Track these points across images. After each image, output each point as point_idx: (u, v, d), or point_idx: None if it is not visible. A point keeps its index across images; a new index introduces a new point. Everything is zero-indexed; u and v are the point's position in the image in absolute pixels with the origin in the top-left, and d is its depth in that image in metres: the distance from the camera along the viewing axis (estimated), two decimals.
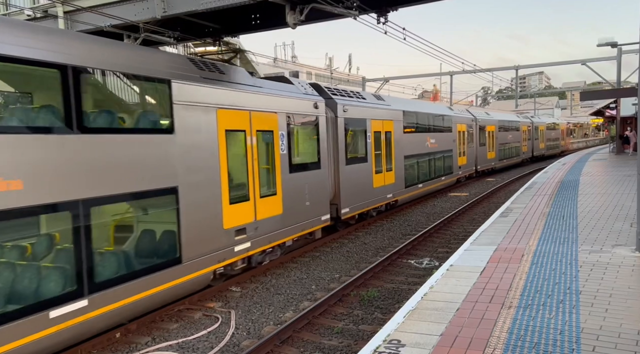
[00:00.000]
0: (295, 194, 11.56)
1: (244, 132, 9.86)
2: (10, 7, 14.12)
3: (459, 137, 25.86)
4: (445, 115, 24.09)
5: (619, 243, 8.52)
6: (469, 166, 27.66)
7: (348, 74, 69.75)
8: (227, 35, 14.59)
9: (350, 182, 14.43)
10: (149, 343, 7.57)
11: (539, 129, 45.35)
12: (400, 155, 18.18)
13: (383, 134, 16.72)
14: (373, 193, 15.97)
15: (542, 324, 5.21)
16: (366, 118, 15.57)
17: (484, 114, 32.09)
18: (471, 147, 28.08)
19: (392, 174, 17.40)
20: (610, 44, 26.12)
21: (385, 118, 17.00)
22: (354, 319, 8.27)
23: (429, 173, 21.30)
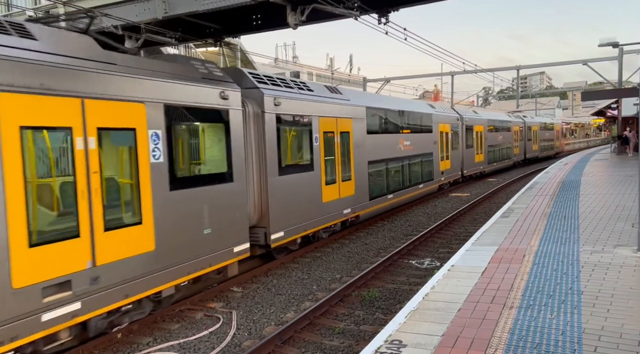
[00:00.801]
0: (183, 220, 8.23)
1: (67, 130, 6.48)
2: (12, 8, 14.16)
3: (442, 139, 23.13)
4: (423, 113, 21.11)
5: (621, 243, 8.51)
6: (453, 170, 24.93)
7: (349, 74, 69.77)
8: (228, 36, 14.61)
9: (285, 197, 11.33)
10: (151, 343, 7.58)
11: (532, 130, 42.99)
12: (362, 161, 15.23)
13: (337, 135, 13.72)
14: (322, 209, 12.86)
15: (543, 325, 5.20)
16: (312, 115, 12.42)
17: (471, 113, 29.36)
18: (456, 149, 25.35)
19: (350, 185, 14.42)
20: (612, 44, 26.10)
21: (342, 115, 13.98)
22: (355, 320, 8.27)
23: (402, 181, 18.39)
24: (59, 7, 12.62)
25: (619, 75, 30.49)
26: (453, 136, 24.88)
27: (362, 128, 15.27)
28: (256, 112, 10.63)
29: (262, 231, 10.87)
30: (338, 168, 13.79)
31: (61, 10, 12.56)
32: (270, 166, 10.85)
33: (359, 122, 15.08)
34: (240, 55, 31.11)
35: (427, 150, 21.10)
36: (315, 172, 12.60)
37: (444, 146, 23.38)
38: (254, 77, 11.11)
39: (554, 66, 45.73)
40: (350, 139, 14.55)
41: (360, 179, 15.09)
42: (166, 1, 11.24)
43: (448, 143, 24.02)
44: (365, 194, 15.39)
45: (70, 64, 6.63)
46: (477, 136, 28.98)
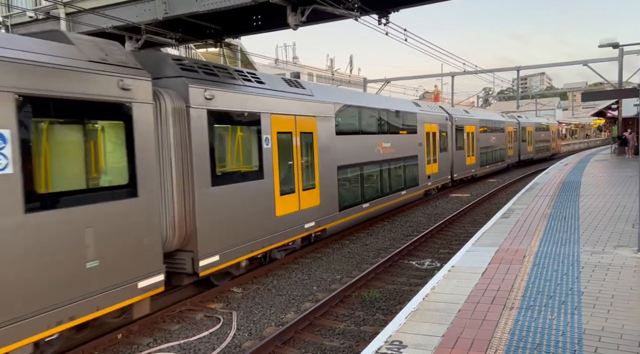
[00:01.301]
0: (47, 252, 6.10)
1: None
2: (13, 9, 14.16)
3: (428, 140, 21.23)
4: (406, 112, 19.09)
5: (621, 244, 8.51)
6: (442, 174, 23.15)
7: (349, 75, 69.79)
8: (228, 37, 14.62)
9: (222, 212, 9.22)
10: (151, 344, 7.58)
11: (527, 130, 41.29)
12: (330, 166, 13.26)
13: (297, 136, 11.72)
14: (275, 225, 10.79)
15: (544, 326, 5.20)
16: (261, 112, 10.36)
17: (462, 113, 27.63)
18: (445, 151, 23.60)
19: (314, 194, 12.39)
20: (612, 44, 26.10)
21: (303, 113, 12.00)
22: (355, 320, 8.27)
23: (381, 188, 16.49)
24: (59, 8, 12.62)
25: (619, 76, 30.50)
26: (441, 136, 23.11)
27: (329, 128, 13.28)
28: (178, 108, 8.40)
29: (189, 256, 8.69)
30: (297, 175, 11.71)
31: (61, 11, 12.57)
32: (199, 175, 8.63)
33: (325, 121, 13.06)
34: (241, 56, 31.13)
35: (411, 152, 19.22)
36: (266, 181, 10.50)
37: (430, 147, 21.57)
38: (178, 64, 8.99)
39: (554, 67, 45.72)
40: (314, 141, 12.54)
41: (327, 187, 13.04)
42: (166, 2, 11.25)
43: (435, 145, 22.24)
44: (334, 204, 13.42)
45: None
46: (469, 137, 27.29)
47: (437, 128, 22.36)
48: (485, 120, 30.96)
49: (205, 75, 9.28)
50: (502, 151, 34.07)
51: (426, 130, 20.92)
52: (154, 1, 11.41)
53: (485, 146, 30.48)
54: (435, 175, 22.18)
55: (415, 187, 19.61)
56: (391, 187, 17.26)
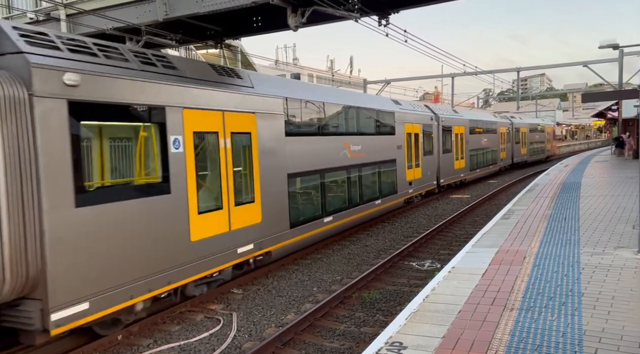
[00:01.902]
0: None
1: None
2: (13, 10, 14.18)
3: (409, 142, 19.11)
4: (382, 110, 16.89)
5: (621, 245, 8.51)
6: (426, 180, 21.01)
7: (349, 76, 69.82)
8: (228, 38, 14.64)
9: (96, 242, 6.91)
10: (151, 345, 7.58)
11: (521, 132, 39.36)
12: (277, 174, 11.04)
13: (226, 137, 9.44)
14: (190, 252, 8.45)
15: (544, 327, 5.20)
16: (166, 105, 8.00)
17: (450, 112, 25.82)
18: (430, 155, 21.57)
19: (252, 209, 10.14)
20: (612, 46, 26.11)
21: (236, 109, 9.74)
22: (355, 322, 8.27)
23: (348, 198, 14.33)
24: (60, 9, 12.64)
25: (619, 77, 30.52)
26: (426, 138, 21.02)
27: (277, 128, 11.03)
28: (11, 97, 6.06)
29: (36, 306, 6.30)
30: (227, 187, 9.43)
31: (62, 12, 12.59)
32: (52, 192, 6.35)
33: (270, 119, 10.81)
34: (241, 58, 31.15)
35: (388, 156, 17.05)
36: (175, 196, 8.16)
37: (412, 150, 19.41)
38: (22, 35, 6.55)
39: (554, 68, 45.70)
40: (254, 143, 10.26)
41: (273, 200, 10.82)
42: (167, 3, 11.26)
43: (418, 147, 20.12)
44: (283, 220, 11.16)
45: None
46: (457, 138, 25.34)
47: (420, 129, 20.32)
48: (475, 120, 28.92)
49: (71, 54, 6.91)
50: (494, 153, 32.14)
51: (407, 131, 18.89)
52: (154, 2, 11.42)
53: (476, 148, 28.49)
54: (418, 181, 20.07)
55: (394, 195, 17.51)
56: (362, 196, 15.15)
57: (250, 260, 10.28)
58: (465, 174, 26.62)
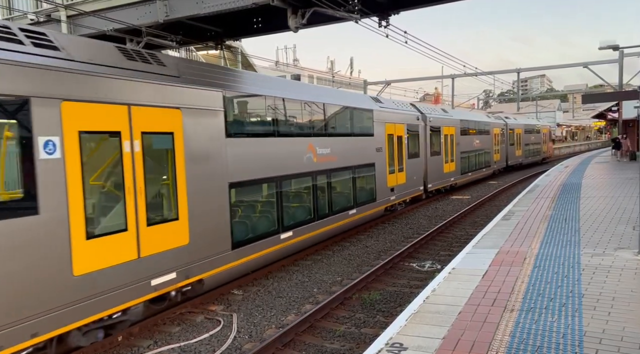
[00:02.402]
0: None
1: None
2: (14, 12, 14.20)
3: (391, 144, 17.38)
4: (357, 108, 15.13)
5: (622, 246, 8.50)
6: (411, 185, 19.27)
7: (350, 77, 69.87)
8: (229, 39, 14.66)
9: None
10: (151, 346, 7.58)
11: (516, 133, 37.78)
12: (213, 183, 9.05)
13: (134, 139, 7.53)
14: (73, 290, 6.54)
15: (544, 328, 5.20)
16: (31, 96, 6.15)
17: (439, 112, 24.31)
18: (416, 158, 19.94)
19: (175, 229, 8.21)
20: (612, 47, 26.11)
21: (151, 102, 7.82)
22: (356, 323, 8.27)
23: (314, 209, 12.42)
24: (61, 10, 12.66)
25: (620, 78, 30.50)
26: (411, 140, 19.34)
27: (213, 127, 9.01)
28: None
29: None
30: (134, 202, 7.44)
31: (62, 13, 12.61)
32: None
33: (203, 116, 8.82)
34: (241, 59, 31.16)
35: (365, 160, 15.28)
36: (47, 217, 6.22)
37: (395, 153, 17.66)
38: None
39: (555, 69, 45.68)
40: (177, 146, 8.27)
41: (207, 215, 8.81)
42: (167, 4, 11.28)
43: (402, 150, 18.39)
44: (222, 239, 9.16)
45: None
46: (447, 140, 23.76)
47: (404, 129, 18.60)
48: (467, 121, 27.21)
49: None
50: (487, 155, 30.58)
51: (388, 132, 17.08)
52: (154, 4, 11.45)
53: (468, 150, 26.79)
54: (402, 187, 18.32)
55: (372, 203, 15.78)
56: (332, 206, 13.31)
57: (173, 292, 8.20)
58: (455, 178, 25.01)
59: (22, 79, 6.03)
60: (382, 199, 16.57)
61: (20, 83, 6.01)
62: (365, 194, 15.32)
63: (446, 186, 23.90)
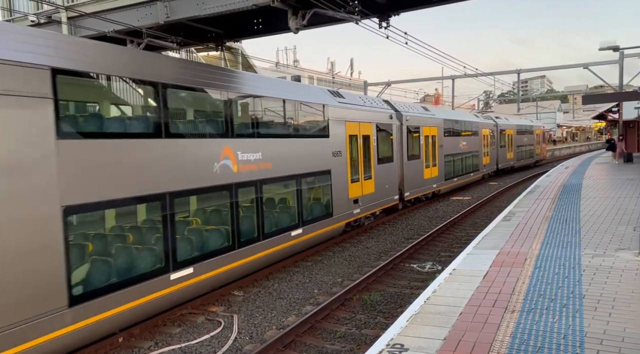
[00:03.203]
0: None
1: None
2: (14, 13, 14.21)
3: (354, 147, 14.64)
4: (304, 103, 12.32)
5: (622, 247, 8.50)
6: (382, 195, 16.66)
7: (350, 78, 69.91)
8: (229, 40, 14.66)
9: None
10: (152, 348, 7.58)
11: (507, 134, 35.32)
12: (19, 210, 5.98)
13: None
14: None
15: (545, 329, 5.20)
16: None
17: (419, 110, 21.63)
18: (389, 163, 17.33)
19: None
20: (612, 47, 26.12)
21: None
22: (356, 324, 8.26)
23: (233, 234, 9.59)
24: (61, 12, 12.67)
25: (620, 78, 30.52)
26: (382, 141, 16.80)
27: (27, 124, 6.15)
28: None
29: None
30: None
31: (63, 15, 12.62)
32: None
33: (9, 108, 5.97)
34: (242, 60, 31.20)
35: (317, 166, 12.51)
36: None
37: (359, 158, 14.96)
38: None
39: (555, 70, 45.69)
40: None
41: (10, 260, 5.91)
42: (168, 6, 11.29)
43: (370, 154, 15.74)
44: (46, 295, 6.24)
45: None
46: (428, 141, 21.22)
47: (372, 130, 15.89)
48: (452, 120, 24.71)
49: None
50: (475, 158, 28.14)
51: (350, 132, 14.40)
52: (155, 5, 11.45)
53: (453, 153, 24.36)
54: (370, 197, 15.65)
55: (327, 219, 13.00)
56: (263, 228, 10.40)
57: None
58: (438, 184, 22.46)
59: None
60: (342, 213, 13.75)
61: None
62: (316, 209, 12.63)
63: (427, 194, 21.46)
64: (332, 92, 14.68)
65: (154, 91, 8.17)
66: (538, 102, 76.67)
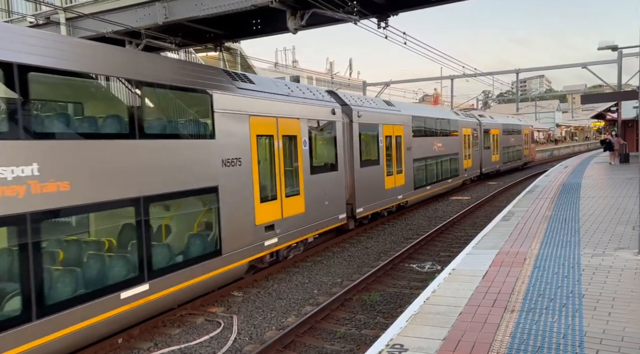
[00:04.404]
0: None
1: None
2: (13, 14, 14.20)
3: (267, 153, 10.64)
4: (161, 84, 8.08)
5: (622, 246, 8.51)
6: (319, 215, 12.56)
7: (349, 78, 69.94)
8: (228, 41, 14.67)
9: None
10: (151, 349, 7.57)
11: (492, 134, 31.63)
12: None
13: None
14: None
15: (545, 328, 5.20)
16: None
17: (379, 104, 17.51)
18: (332, 172, 13.28)
19: None
20: (611, 47, 26.16)
21: None
22: (356, 324, 8.26)
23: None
24: (60, 13, 12.67)
25: (619, 78, 30.55)
26: (320, 144, 12.98)
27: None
28: None
29: None
30: None
31: (62, 16, 12.62)
32: None
33: None
34: (240, 60, 31.20)
35: (188, 183, 8.26)
36: None
37: (276, 167, 10.83)
38: None
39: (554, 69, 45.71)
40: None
41: None
42: (166, 6, 11.29)
43: (297, 160, 11.59)
44: None
45: None
46: (390, 143, 17.28)
47: (300, 128, 11.69)
48: (423, 118, 20.92)
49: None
50: (454, 162, 24.55)
51: (257, 131, 10.18)
52: (154, 6, 11.46)
53: (425, 157, 20.62)
54: (296, 220, 11.52)
55: (209, 261, 8.78)
56: (40, 299, 6.05)
57: None
58: (405, 194, 18.44)
59: None
60: (241, 248, 9.56)
61: None
62: (186, 246, 8.56)
63: (390, 208, 17.45)
64: (228, 73, 10.09)
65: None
66: (537, 101, 76.76)
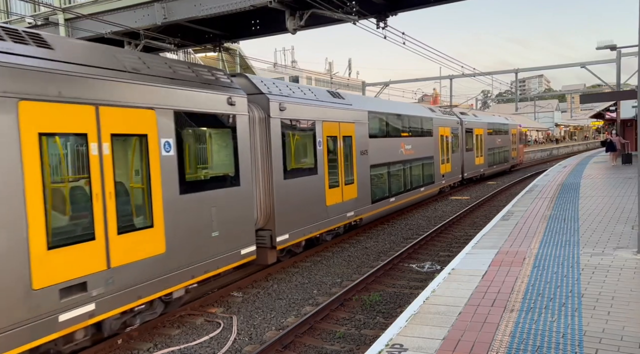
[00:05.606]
0: None
1: None
2: (12, 15, 14.19)
3: (65, 168, 6.22)
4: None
5: (621, 246, 8.52)
6: (202, 255, 8.40)
7: (348, 78, 69.95)
8: (227, 41, 14.67)
9: None
10: (151, 349, 7.57)
11: (475, 134, 28.16)
12: None
13: None
14: None
15: (544, 328, 5.21)
16: None
17: (321, 93, 13.01)
18: (232, 187, 9.26)
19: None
20: (610, 46, 26.20)
21: None
22: (356, 324, 8.26)
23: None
24: (58, 13, 12.66)
25: (617, 77, 30.59)
26: (205, 147, 8.81)
27: None
28: None
29: None
30: None
31: (60, 17, 12.61)
32: None
33: None
34: (240, 61, 31.21)
35: None
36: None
37: (89, 185, 6.48)
38: None
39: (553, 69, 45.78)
40: None
41: None
42: (165, 7, 11.29)
43: (151, 174, 7.47)
44: None
45: None
46: (336, 146, 13.39)
47: (156, 125, 7.50)
48: (384, 114, 16.80)
49: None
50: (428, 167, 20.94)
51: (46, 127, 5.97)
52: (152, 7, 11.46)
53: (387, 162, 16.88)
54: (151, 264, 7.42)
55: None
56: None
57: None
58: (358, 210, 14.64)
59: None
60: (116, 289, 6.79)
61: None
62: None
63: (335, 229, 13.65)
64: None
65: None
66: (536, 101, 76.80)
